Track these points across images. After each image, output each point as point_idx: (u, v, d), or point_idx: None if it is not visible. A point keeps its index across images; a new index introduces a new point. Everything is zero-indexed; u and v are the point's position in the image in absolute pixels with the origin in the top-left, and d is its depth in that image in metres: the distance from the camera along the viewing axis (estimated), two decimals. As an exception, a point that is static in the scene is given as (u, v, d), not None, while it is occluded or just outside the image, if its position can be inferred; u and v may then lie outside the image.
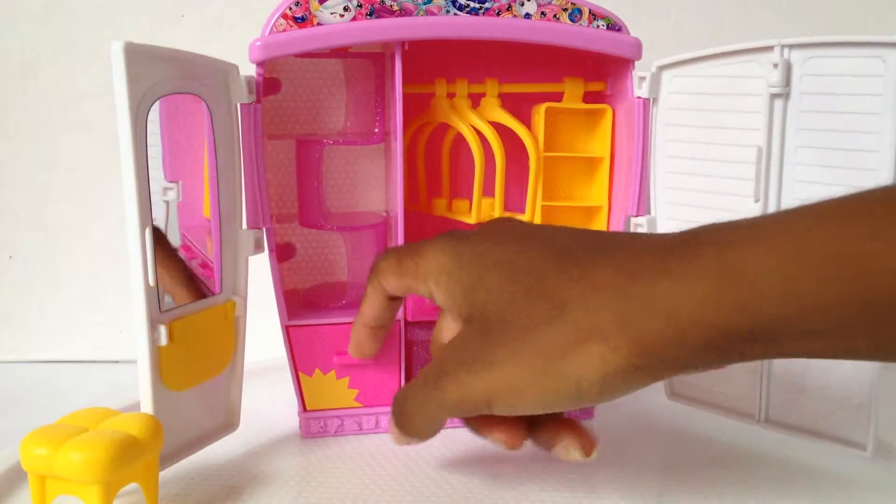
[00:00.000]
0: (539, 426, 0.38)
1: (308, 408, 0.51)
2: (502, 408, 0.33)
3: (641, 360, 0.30)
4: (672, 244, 0.31)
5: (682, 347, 0.29)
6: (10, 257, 0.72)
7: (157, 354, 0.41)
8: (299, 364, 0.50)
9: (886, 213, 0.26)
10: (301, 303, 0.53)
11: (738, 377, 0.52)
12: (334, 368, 0.50)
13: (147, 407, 0.41)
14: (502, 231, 0.37)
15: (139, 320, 0.40)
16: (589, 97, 0.54)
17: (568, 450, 0.36)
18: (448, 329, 0.38)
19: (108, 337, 0.72)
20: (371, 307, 0.42)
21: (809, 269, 0.27)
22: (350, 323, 0.48)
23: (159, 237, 0.44)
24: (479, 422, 0.38)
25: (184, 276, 0.45)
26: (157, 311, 0.40)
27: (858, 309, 0.27)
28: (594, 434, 0.36)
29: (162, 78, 0.40)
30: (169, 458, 0.43)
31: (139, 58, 0.38)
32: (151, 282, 0.39)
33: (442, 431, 0.52)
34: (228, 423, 0.48)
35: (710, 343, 0.29)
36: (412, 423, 0.38)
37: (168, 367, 0.41)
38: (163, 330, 0.40)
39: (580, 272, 0.32)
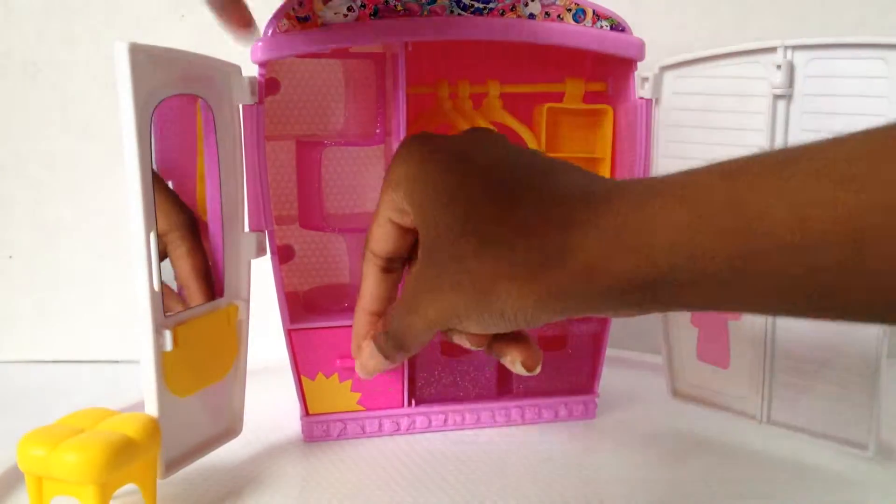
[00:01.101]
0: (493, 338, 0.40)
1: (310, 412, 0.51)
2: (460, 328, 0.36)
3: (551, 303, 0.33)
4: (594, 195, 0.33)
5: (588, 294, 0.32)
6: (10, 257, 0.71)
7: (162, 359, 0.40)
8: (301, 367, 0.50)
9: (765, 173, 0.28)
10: (302, 305, 0.53)
11: (740, 377, 0.52)
12: (337, 372, 0.50)
13: (152, 413, 0.41)
14: (462, 148, 0.38)
15: (144, 325, 0.39)
16: (589, 97, 0.54)
17: (514, 363, 0.39)
18: None
19: (108, 337, 0.72)
20: (367, 286, 0.42)
21: (699, 221, 0.29)
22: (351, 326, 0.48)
23: (191, 226, 0.44)
24: (494, 346, 0.40)
25: (204, 273, 0.45)
26: (162, 316, 0.40)
27: (740, 265, 0.28)
28: (539, 352, 0.39)
29: (165, 79, 0.39)
30: (174, 465, 0.43)
31: (143, 59, 0.37)
32: (156, 286, 0.39)
33: (444, 434, 0.52)
34: (231, 428, 0.48)
35: (614, 291, 0.31)
36: (403, 344, 0.40)
37: (172, 372, 0.41)
38: (168, 335, 0.40)
39: (507, 208, 0.34)
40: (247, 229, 0.47)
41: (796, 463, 0.48)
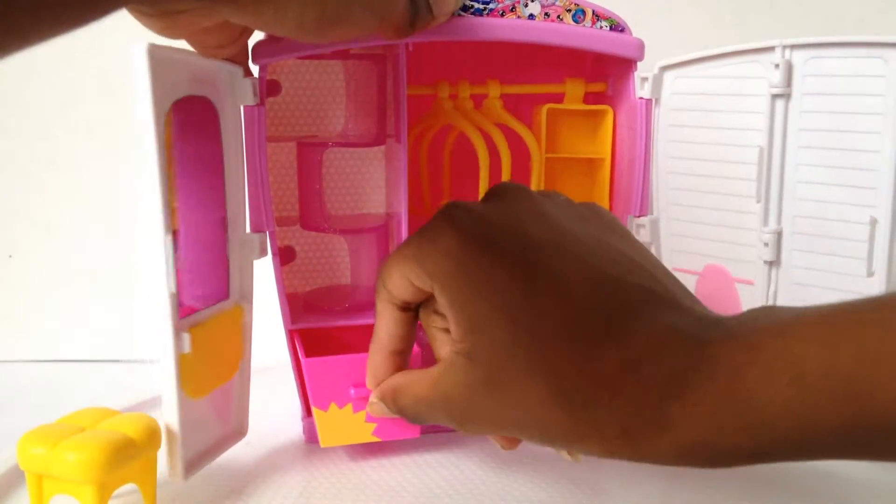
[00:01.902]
0: None
1: (323, 445, 0.48)
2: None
3: (638, 460, 0.31)
4: (683, 362, 0.30)
5: (679, 459, 0.30)
6: (10, 257, 0.71)
7: (179, 362, 0.40)
8: (314, 398, 0.47)
9: (875, 334, 0.26)
10: (302, 307, 0.53)
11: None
12: (351, 402, 0.47)
13: (172, 415, 0.40)
14: (517, 239, 0.33)
15: (164, 328, 0.38)
16: (589, 98, 0.54)
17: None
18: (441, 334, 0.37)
19: (108, 337, 0.72)
20: (384, 325, 0.38)
21: (805, 395, 0.27)
22: (356, 325, 0.48)
23: None
24: None
25: None
26: (178, 319, 0.39)
27: (856, 432, 0.27)
28: None
29: (178, 81, 0.39)
30: (192, 466, 0.42)
31: (160, 60, 0.37)
32: (173, 288, 0.38)
33: (445, 434, 0.52)
34: (238, 429, 0.47)
35: (713, 460, 0.30)
36: (413, 419, 0.38)
37: (187, 374, 0.40)
38: (186, 337, 0.39)
39: (584, 347, 0.31)
40: (247, 230, 0.47)
41: (797, 464, 0.48)
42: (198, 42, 0.39)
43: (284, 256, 0.54)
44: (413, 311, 0.38)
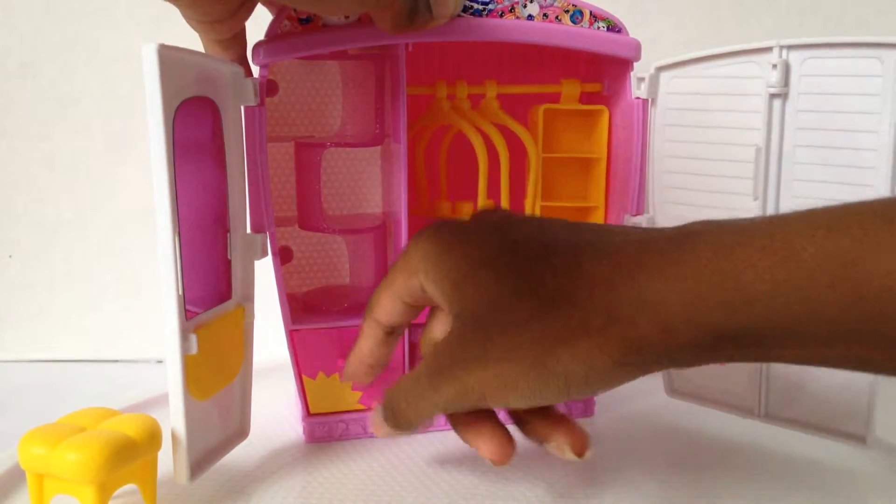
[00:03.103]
0: (533, 421, 0.38)
1: (311, 411, 0.51)
2: (495, 402, 0.33)
3: (628, 357, 0.30)
4: (662, 242, 0.31)
5: (669, 346, 0.29)
6: (10, 257, 0.72)
7: (185, 364, 0.40)
8: (302, 367, 0.49)
9: (876, 225, 0.26)
10: (301, 307, 0.53)
11: (738, 373, 0.52)
12: (338, 371, 0.50)
13: (178, 418, 0.40)
14: (489, 224, 0.37)
15: (171, 329, 0.39)
16: (584, 98, 0.54)
17: (562, 448, 0.36)
18: (440, 325, 0.39)
19: (108, 337, 0.72)
20: (367, 344, 0.42)
21: (798, 275, 0.27)
22: (353, 326, 0.49)
23: None
24: (467, 432, 0.38)
25: None
26: (185, 320, 0.39)
27: (845, 318, 0.26)
28: (587, 434, 0.36)
29: (185, 81, 0.39)
30: (198, 468, 0.42)
31: (169, 60, 0.37)
32: (180, 290, 0.38)
33: (445, 433, 0.52)
34: (241, 430, 0.47)
35: (698, 343, 0.29)
36: (404, 418, 0.38)
37: (193, 376, 0.40)
38: (193, 339, 0.39)
39: (567, 266, 0.32)
40: (248, 231, 0.47)
41: (794, 458, 0.49)
42: (193, 12, 0.39)
43: (282, 257, 0.54)
44: (397, 334, 0.42)
